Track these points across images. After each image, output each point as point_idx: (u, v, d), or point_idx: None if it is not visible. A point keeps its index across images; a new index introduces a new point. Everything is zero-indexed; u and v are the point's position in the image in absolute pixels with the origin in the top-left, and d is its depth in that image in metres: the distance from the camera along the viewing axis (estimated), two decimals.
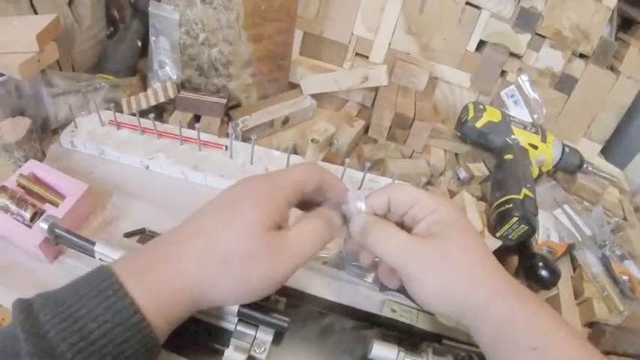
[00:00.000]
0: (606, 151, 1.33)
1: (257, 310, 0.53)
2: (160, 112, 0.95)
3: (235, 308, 0.53)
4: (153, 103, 0.91)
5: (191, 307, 0.45)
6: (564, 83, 1.22)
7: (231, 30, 0.90)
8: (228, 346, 0.54)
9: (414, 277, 0.51)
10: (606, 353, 0.73)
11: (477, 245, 0.53)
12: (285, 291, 0.66)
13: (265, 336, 0.56)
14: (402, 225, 0.56)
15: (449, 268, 0.50)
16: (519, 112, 1.10)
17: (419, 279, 0.51)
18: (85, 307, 0.38)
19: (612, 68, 1.23)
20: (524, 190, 0.80)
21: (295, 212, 0.54)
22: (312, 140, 0.78)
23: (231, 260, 0.44)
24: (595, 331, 0.76)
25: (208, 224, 0.47)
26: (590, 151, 1.29)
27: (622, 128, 1.29)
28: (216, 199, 0.49)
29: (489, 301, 0.49)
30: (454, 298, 0.50)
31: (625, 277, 0.83)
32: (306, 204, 0.55)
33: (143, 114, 0.82)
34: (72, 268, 0.63)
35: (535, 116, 1.12)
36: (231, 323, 0.57)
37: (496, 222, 0.78)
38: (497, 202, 0.80)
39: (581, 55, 1.20)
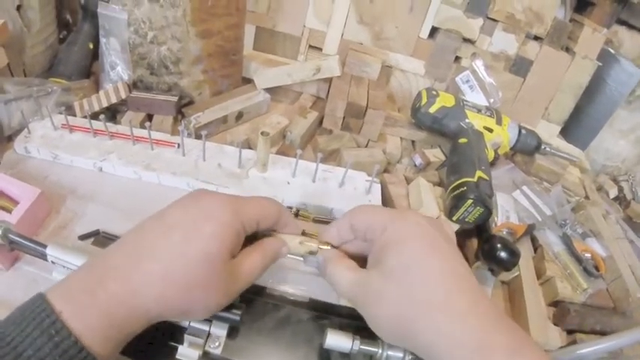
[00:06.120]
0: (566, 132, 1.34)
1: None
2: (113, 113, 0.94)
3: None
4: (105, 104, 0.90)
5: (145, 324, 0.45)
6: (519, 66, 1.22)
7: (179, 27, 0.88)
8: (182, 342, 0.54)
9: (367, 319, 0.49)
10: (572, 331, 0.74)
11: (439, 267, 0.45)
12: None
13: (219, 331, 0.56)
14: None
15: (400, 308, 0.45)
16: (475, 98, 1.10)
17: (372, 321, 0.48)
18: (32, 347, 0.37)
19: (567, 49, 1.24)
20: (479, 173, 0.80)
21: None
22: (261, 133, 0.77)
23: (190, 288, 0.44)
24: (559, 309, 0.76)
25: (163, 248, 0.45)
26: (549, 132, 1.30)
27: (581, 109, 1.30)
28: (168, 213, 0.48)
29: (450, 348, 0.42)
30: (411, 344, 0.46)
31: (587, 255, 0.83)
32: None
33: (97, 116, 0.81)
34: (29, 274, 0.61)
35: (491, 100, 1.12)
36: None
37: (452, 205, 0.78)
38: (452, 186, 0.80)
39: (536, 38, 1.20)
